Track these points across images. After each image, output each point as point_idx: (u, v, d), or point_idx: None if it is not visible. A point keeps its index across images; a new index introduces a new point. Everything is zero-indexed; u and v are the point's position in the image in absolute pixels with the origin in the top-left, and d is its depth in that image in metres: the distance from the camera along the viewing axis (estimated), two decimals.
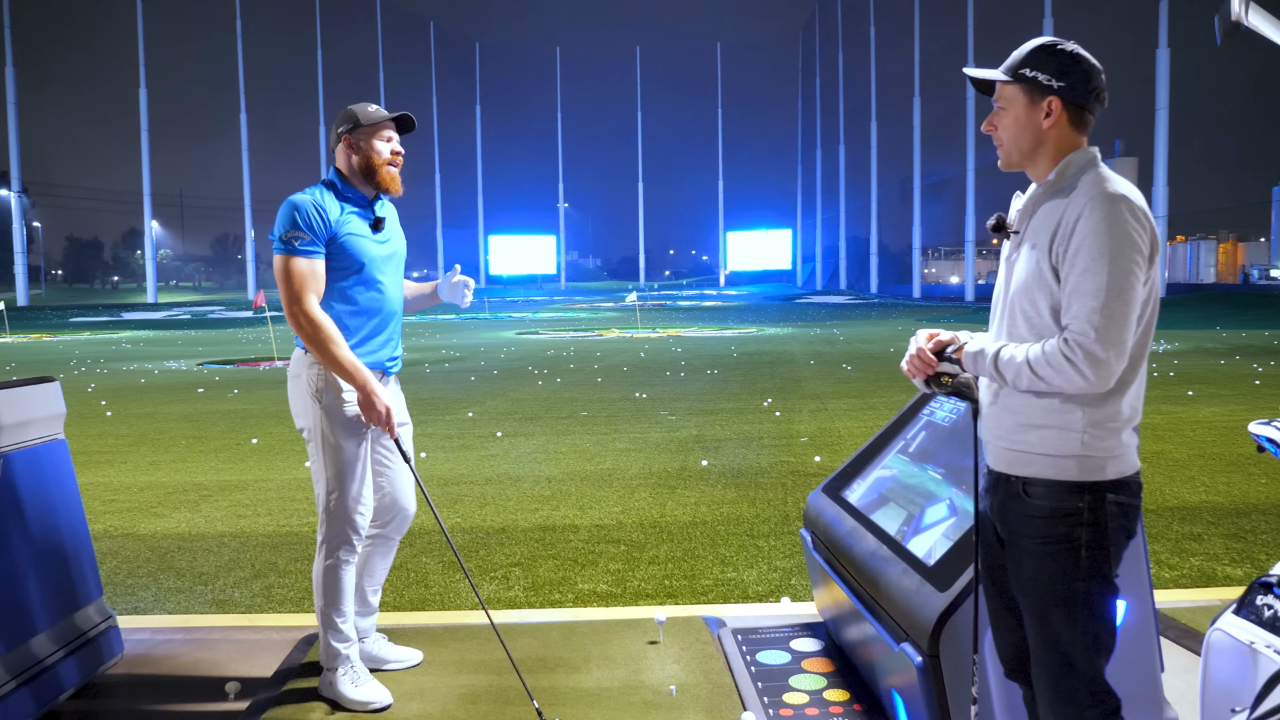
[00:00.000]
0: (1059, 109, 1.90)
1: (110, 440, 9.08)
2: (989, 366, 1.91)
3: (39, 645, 3.07)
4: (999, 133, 1.98)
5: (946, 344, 2.04)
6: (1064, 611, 1.88)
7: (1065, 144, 1.93)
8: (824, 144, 71.78)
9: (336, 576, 3.05)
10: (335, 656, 3.06)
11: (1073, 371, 1.77)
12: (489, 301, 56.65)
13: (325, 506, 3.04)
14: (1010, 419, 1.94)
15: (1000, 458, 1.98)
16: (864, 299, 56.04)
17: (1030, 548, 1.90)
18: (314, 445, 3.05)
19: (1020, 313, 1.92)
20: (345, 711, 2.99)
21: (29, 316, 45.91)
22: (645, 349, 21.01)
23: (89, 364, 19.28)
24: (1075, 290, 1.80)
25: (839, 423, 9.30)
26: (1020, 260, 1.94)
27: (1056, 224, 1.85)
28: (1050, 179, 1.92)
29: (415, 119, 3.18)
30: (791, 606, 3.96)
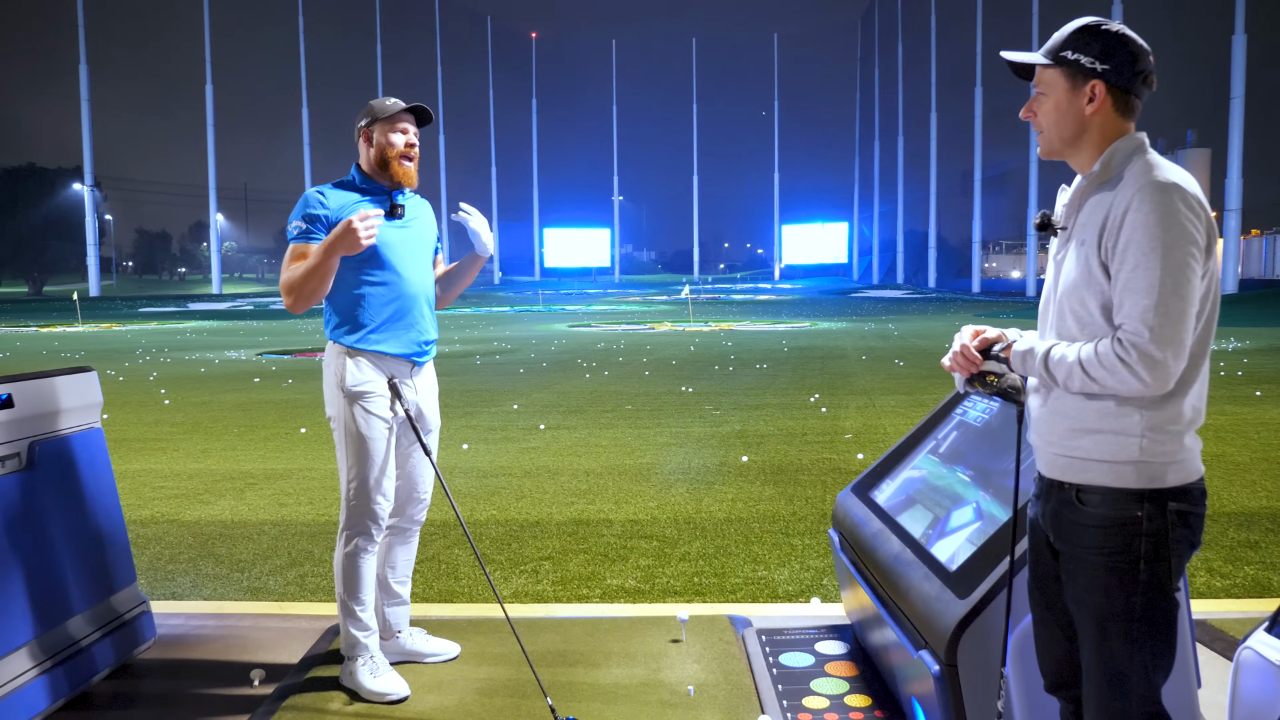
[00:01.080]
0: (1103, 94, 1.80)
1: (166, 428, 9.32)
2: (1039, 366, 1.81)
3: (73, 628, 3.15)
4: (1038, 119, 1.88)
5: (993, 341, 1.94)
6: (1121, 627, 1.76)
7: (1110, 131, 1.82)
8: (882, 136, 70.77)
9: (356, 565, 3.07)
10: (354, 645, 3.08)
11: (1127, 374, 1.67)
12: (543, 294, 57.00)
13: (346, 495, 3.07)
14: (1062, 423, 1.83)
15: (1052, 464, 1.87)
16: (921, 293, 55.11)
17: (1086, 559, 1.80)
18: (338, 434, 3.09)
19: (1070, 312, 1.82)
20: (364, 702, 3.01)
21: (100, 306, 47.49)
22: (695, 342, 20.92)
23: (153, 353, 19.85)
24: (1127, 287, 1.69)
25: (886, 420, 9.14)
26: (1068, 258, 1.84)
27: (1104, 217, 1.75)
28: (1095, 170, 1.81)
29: (432, 111, 3.19)
30: (820, 608, 3.88)
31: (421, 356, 3.15)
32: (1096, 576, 1.78)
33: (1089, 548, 1.79)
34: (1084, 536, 1.80)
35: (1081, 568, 1.80)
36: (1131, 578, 1.74)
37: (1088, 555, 1.79)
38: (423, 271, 3.18)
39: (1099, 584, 1.77)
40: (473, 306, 46.09)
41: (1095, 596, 1.78)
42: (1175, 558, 1.75)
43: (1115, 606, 1.76)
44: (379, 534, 3.10)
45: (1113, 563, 1.76)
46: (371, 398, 3.03)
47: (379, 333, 3.04)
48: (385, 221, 3.07)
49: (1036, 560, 1.97)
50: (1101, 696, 1.79)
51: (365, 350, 3.04)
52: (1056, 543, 1.87)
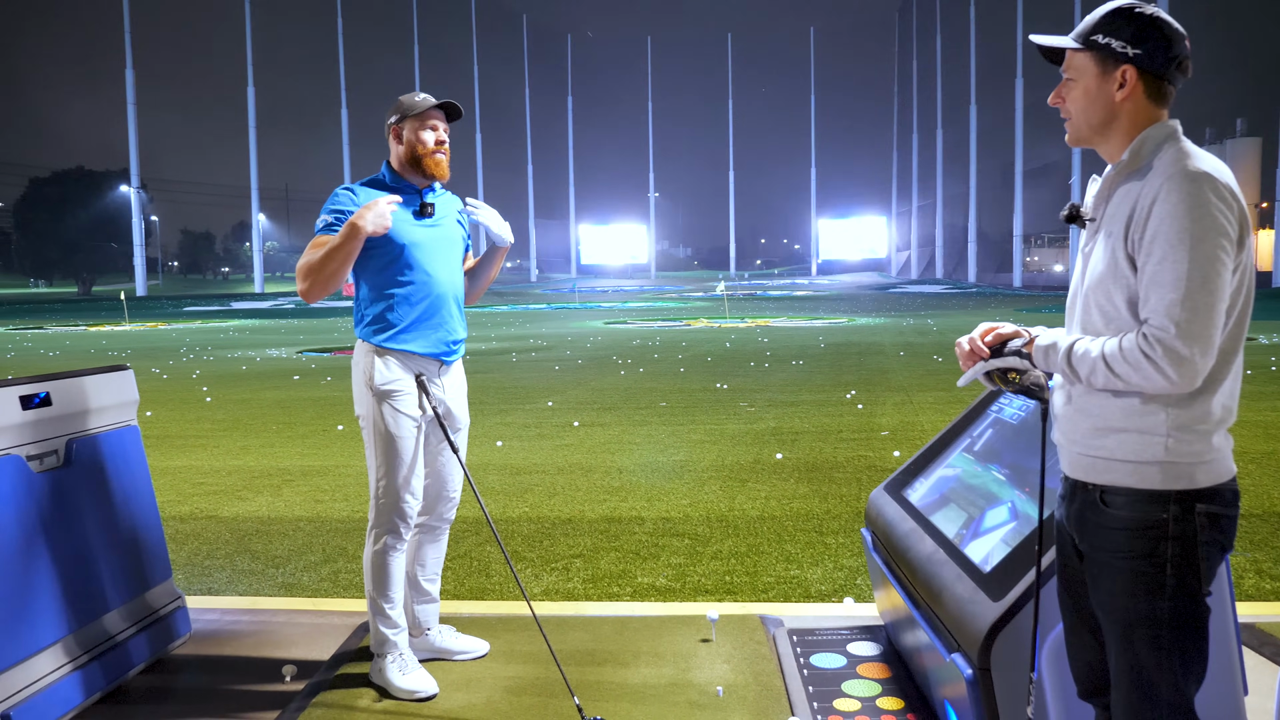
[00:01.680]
0: (1134, 79, 1.73)
1: (206, 425, 9.46)
2: (1061, 362, 1.75)
3: (108, 623, 3.19)
4: (1067, 106, 1.81)
5: (1008, 338, 1.89)
6: (1148, 633, 1.70)
7: (1141, 119, 1.75)
8: (921, 129, 69.91)
9: (385, 563, 3.08)
10: (384, 643, 3.09)
11: (1152, 370, 1.60)
12: (579, 292, 57.13)
13: (375, 493, 3.08)
14: (1087, 422, 1.77)
15: (1076, 464, 1.81)
16: (961, 288, 54.40)
17: (1110, 562, 1.73)
18: (367, 433, 3.09)
19: (1096, 307, 1.75)
20: (393, 699, 3.01)
21: (147, 306, 48.46)
22: (731, 339, 20.83)
23: (197, 351, 20.20)
24: (1153, 281, 1.62)
25: (923, 416, 9.01)
26: (1096, 250, 1.78)
27: (1132, 208, 1.68)
28: (1124, 159, 1.75)
29: (461, 106, 3.17)
30: (854, 608, 3.83)
31: (450, 355, 3.15)
32: (1122, 581, 1.72)
33: (1114, 551, 1.73)
34: (1109, 539, 1.73)
35: (1106, 572, 1.74)
36: (1158, 582, 1.68)
37: (1112, 559, 1.73)
38: (452, 271, 3.16)
39: (1124, 588, 1.71)
40: (509, 304, 46.33)
41: (1120, 601, 1.72)
42: (1205, 562, 1.68)
43: (1141, 612, 1.70)
44: (408, 532, 3.11)
45: (1138, 567, 1.69)
46: (400, 396, 3.03)
47: (408, 332, 3.04)
48: (415, 221, 3.07)
49: (1064, 564, 1.91)
50: (1130, 705, 1.73)
51: (394, 349, 3.04)
52: (1081, 545, 1.82)
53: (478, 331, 25.52)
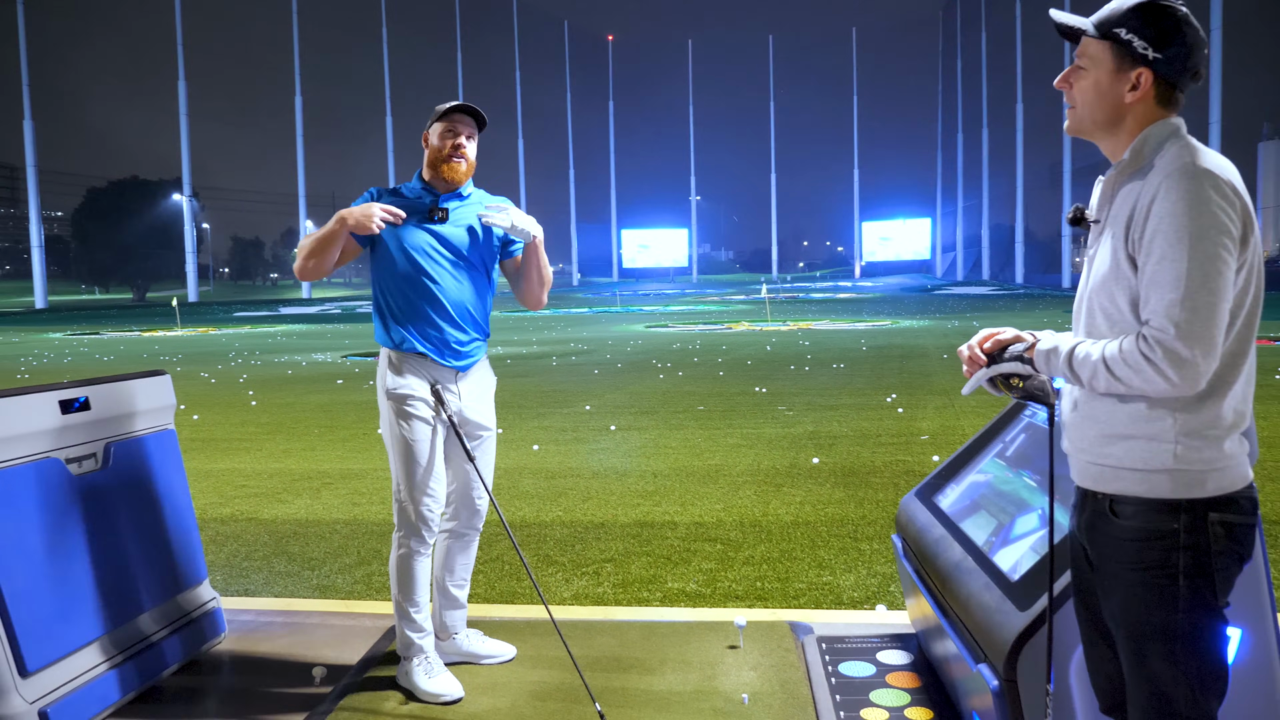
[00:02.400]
0: (1148, 84, 1.67)
1: (251, 428, 9.63)
2: (1063, 365, 1.70)
3: (144, 623, 3.25)
4: (1073, 93, 1.76)
5: (1007, 343, 1.84)
6: (1161, 646, 1.64)
7: (1147, 121, 1.70)
8: (966, 129, 68.99)
9: (409, 567, 3.09)
10: (409, 646, 3.11)
11: (1153, 373, 1.55)
12: (621, 295, 57.23)
13: (396, 497, 3.10)
14: (1093, 429, 1.72)
15: (1085, 472, 1.77)
16: (1008, 289, 53.52)
17: (1121, 574, 1.68)
18: (385, 437, 3.12)
19: (1100, 309, 1.71)
20: (419, 702, 3.03)
21: (198, 312, 49.54)
22: (772, 342, 20.71)
23: (245, 356, 20.59)
24: (1153, 281, 1.58)
25: (964, 420, 8.87)
26: (1099, 252, 1.73)
27: (1133, 207, 1.64)
28: (1126, 158, 1.70)
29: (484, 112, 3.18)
30: (885, 615, 3.77)
31: (459, 360, 3.12)
32: (1133, 592, 1.66)
33: (1124, 562, 1.67)
34: (1119, 550, 1.68)
35: (1117, 583, 1.69)
36: (1170, 594, 1.63)
37: (1123, 570, 1.68)
38: (461, 276, 3.12)
39: (1136, 600, 1.66)
40: (551, 308, 46.54)
41: (1132, 614, 1.67)
42: (1220, 572, 1.63)
43: (1154, 625, 1.64)
44: (430, 536, 3.12)
45: (1149, 578, 1.64)
46: (412, 400, 3.05)
47: (413, 336, 3.06)
48: (424, 225, 3.08)
49: (1077, 575, 1.86)
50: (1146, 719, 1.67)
51: (406, 353, 3.07)
52: (1092, 555, 1.76)
53: (519, 335, 25.68)
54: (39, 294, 57.48)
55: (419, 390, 3.05)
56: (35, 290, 57.94)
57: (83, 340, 29.21)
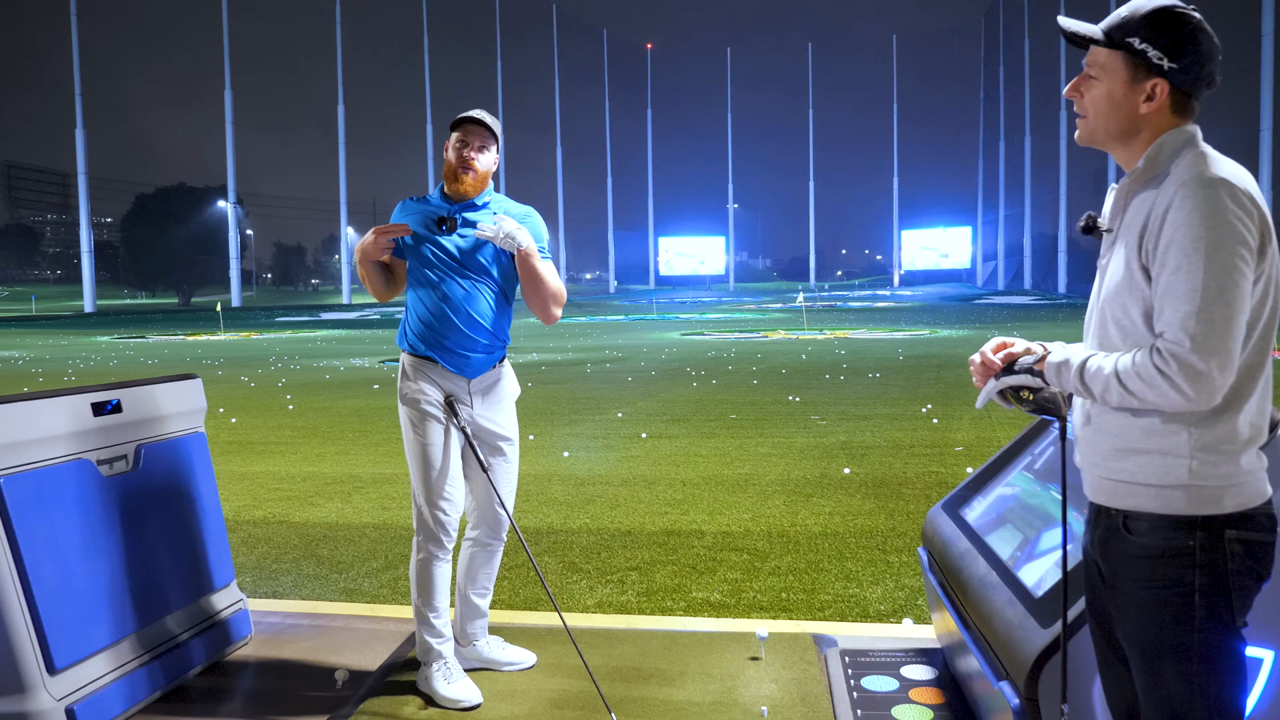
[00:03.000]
0: (1164, 94, 1.63)
1: (287, 432, 9.76)
2: (1074, 379, 1.66)
3: (172, 623, 3.30)
4: (1084, 102, 1.71)
5: (1018, 356, 1.80)
6: (1176, 667, 1.59)
7: (1162, 130, 1.65)
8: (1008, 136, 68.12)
9: (428, 572, 3.11)
10: (429, 652, 3.12)
11: (1167, 386, 1.51)
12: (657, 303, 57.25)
13: (414, 503, 3.12)
14: (1106, 443, 1.68)
15: (1097, 488, 1.72)
16: (1050, 299, 52.69)
17: (1134, 592, 1.64)
18: (404, 442, 3.15)
19: (1112, 320, 1.66)
20: (438, 707, 3.04)
21: (241, 316, 50.39)
22: (808, 351, 20.58)
23: (285, 360, 20.89)
24: (1167, 292, 1.53)
25: (1001, 432, 8.73)
26: (1112, 262, 1.69)
27: (1146, 216, 1.60)
28: (1140, 166, 1.65)
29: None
30: (911, 629, 3.71)
31: (469, 368, 3.11)
32: (1147, 611, 1.61)
33: (1138, 580, 1.63)
34: (1133, 568, 1.63)
35: (1130, 601, 1.64)
36: (1186, 613, 1.57)
37: (1136, 588, 1.63)
38: (470, 286, 3.10)
39: (1150, 620, 1.61)
40: (588, 315, 46.69)
41: (1147, 633, 1.62)
42: (1238, 592, 1.57)
43: (1169, 644, 1.59)
44: (449, 541, 3.12)
45: (1164, 596, 1.59)
46: (424, 403, 3.07)
47: (426, 343, 3.10)
48: (434, 235, 3.10)
49: (1092, 593, 1.81)
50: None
51: (418, 358, 3.11)
52: (1105, 572, 1.72)
53: (554, 342, 25.78)
54: (88, 298, 58.85)
55: (431, 395, 3.08)
56: (85, 295, 59.31)
57: (129, 344, 29.84)
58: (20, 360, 22.40)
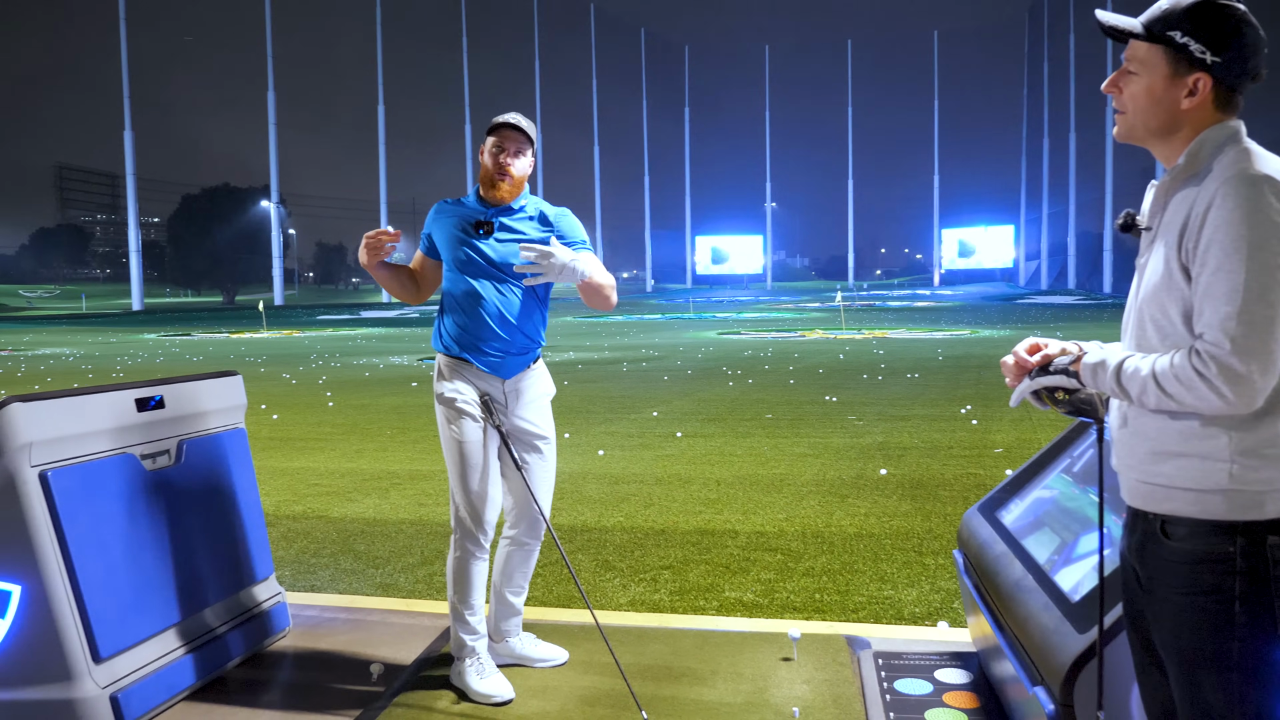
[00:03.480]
0: (1207, 89, 1.58)
1: (327, 428, 9.90)
2: (1110, 380, 1.62)
3: (212, 615, 3.37)
4: (1123, 98, 1.68)
5: (1053, 357, 1.77)
6: (1214, 675, 1.56)
7: (1204, 126, 1.61)
8: (1052, 132, 67.02)
9: (465, 570, 3.13)
10: (462, 648, 3.15)
11: (1206, 389, 1.48)
12: (694, 302, 57.16)
13: (452, 501, 3.15)
14: (1143, 446, 1.64)
15: (1134, 491, 1.69)
16: (1095, 299, 51.79)
17: (1171, 598, 1.60)
18: (441, 442, 3.17)
19: (1150, 321, 1.63)
20: (471, 702, 3.06)
21: (283, 314, 51.19)
22: (845, 350, 20.43)
23: (325, 358, 21.18)
24: (1207, 293, 1.50)
25: (1041, 433, 8.60)
26: (1151, 261, 1.65)
27: (1187, 214, 1.56)
28: (1181, 163, 1.62)
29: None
30: (947, 632, 3.67)
31: (503, 369, 3.14)
32: (1185, 618, 1.58)
33: (1176, 586, 1.59)
34: (1170, 573, 1.60)
35: (1168, 607, 1.61)
36: (1225, 621, 1.54)
37: (1174, 594, 1.59)
38: (505, 288, 3.12)
39: (1188, 627, 1.57)
40: (624, 314, 46.77)
41: (1184, 641, 1.58)
42: (1279, 599, 1.53)
43: (1207, 652, 1.56)
44: (485, 540, 3.14)
45: (1203, 603, 1.55)
46: (462, 402, 3.09)
47: (458, 344, 3.13)
48: (472, 238, 3.12)
49: (1129, 599, 1.77)
50: None
51: (453, 358, 3.14)
52: (1143, 577, 1.68)
53: (591, 341, 25.85)
54: (136, 296, 60.17)
55: (468, 394, 3.11)
56: (132, 293, 60.64)
57: (174, 341, 30.45)
58: (71, 357, 22.96)
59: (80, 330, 39.90)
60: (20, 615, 2.79)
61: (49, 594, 2.77)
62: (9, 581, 2.80)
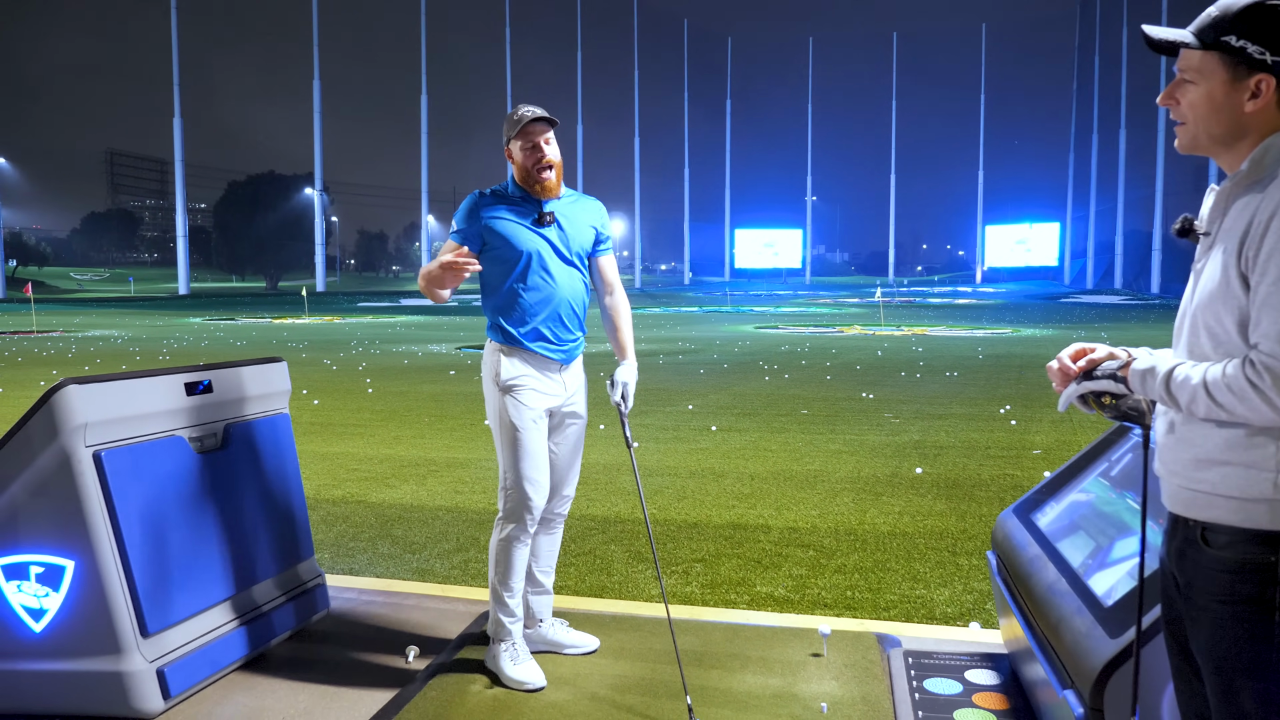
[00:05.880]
0: (1270, 90, 1.56)
1: (366, 415, 10.05)
2: (1159, 387, 1.62)
3: (257, 594, 3.46)
4: (1182, 108, 1.65)
5: (1100, 361, 1.77)
6: (1251, 684, 1.55)
7: (1269, 130, 1.59)
8: (1101, 129, 65.72)
9: (509, 552, 3.20)
10: (500, 629, 3.23)
11: (1259, 400, 1.47)
12: (732, 295, 56.99)
13: (503, 485, 3.21)
14: (1188, 453, 1.63)
15: (1176, 497, 1.68)
16: (1143, 299, 50.77)
17: (1210, 606, 1.60)
18: (494, 427, 3.23)
19: (1204, 327, 1.61)
20: (504, 687, 3.12)
21: (325, 301, 51.89)
22: (884, 347, 20.26)
23: (366, 344, 21.46)
24: (1266, 303, 1.48)
25: (1081, 435, 8.49)
26: (1208, 267, 1.63)
27: (1249, 222, 1.54)
28: (1244, 169, 1.59)
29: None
30: (978, 633, 3.66)
31: (567, 355, 3.25)
32: (1223, 626, 1.57)
33: (1214, 594, 1.58)
34: (1210, 581, 1.59)
35: (1206, 615, 1.60)
36: (1265, 630, 1.53)
37: (1212, 602, 1.59)
38: (571, 276, 3.24)
39: (1227, 634, 1.57)
40: (662, 306, 46.76)
41: (1221, 649, 1.58)
42: None
43: (1244, 661, 1.55)
44: (533, 524, 3.22)
45: (1241, 612, 1.55)
46: (523, 390, 3.17)
47: (530, 334, 3.18)
48: (534, 229, 3.18)
49: (1168, 605, 1.77)
50: None
51: (517, 348, 3.18)
52: (1181, 584, 1.68)
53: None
54: (182, 281, 61.31)
55: (529, 382, 3.17)
56: (179, 277, 61.79)
57: (219, 325, 31.02)
58: (119, 339, 23.50)
59: (128, 313, 40.80)
60: (73, 589, 2.90)
61: (100, 569, 2.87)
62: (63, 556, 2.90)
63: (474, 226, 3.19)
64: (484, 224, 3.18)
